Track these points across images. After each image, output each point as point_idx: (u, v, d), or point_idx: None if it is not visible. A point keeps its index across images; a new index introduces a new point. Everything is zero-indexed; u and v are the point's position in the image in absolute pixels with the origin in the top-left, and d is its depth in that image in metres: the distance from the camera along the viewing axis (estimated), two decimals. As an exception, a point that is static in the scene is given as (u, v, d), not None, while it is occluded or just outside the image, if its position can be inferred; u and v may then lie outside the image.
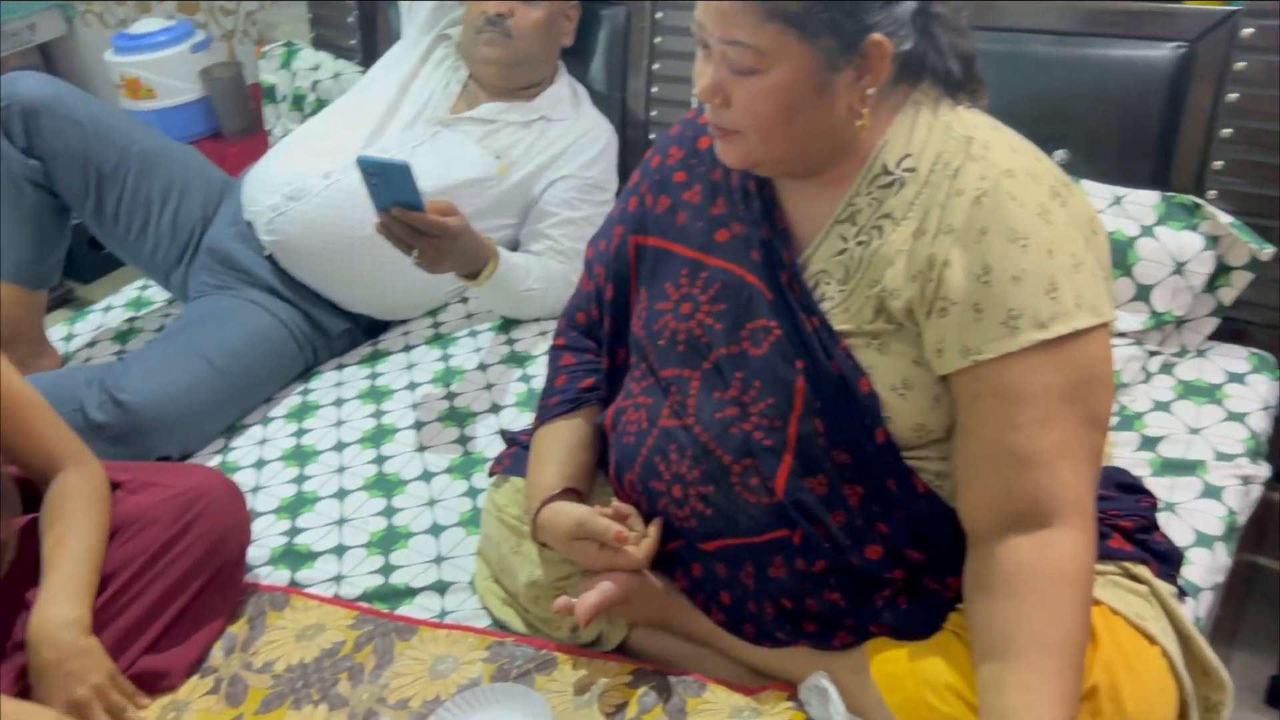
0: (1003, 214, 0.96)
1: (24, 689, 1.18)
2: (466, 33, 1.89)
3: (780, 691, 1.12)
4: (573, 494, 1.24)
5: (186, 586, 1.30)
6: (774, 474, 1.07)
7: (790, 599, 1.10)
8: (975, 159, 0.99)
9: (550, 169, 1.88)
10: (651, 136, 2.02)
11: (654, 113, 2.01)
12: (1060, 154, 1.60)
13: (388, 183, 1.45)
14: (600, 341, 1.31)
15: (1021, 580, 0.95)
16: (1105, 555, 1.06)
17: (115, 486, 1.35)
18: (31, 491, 1.35)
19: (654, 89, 2.00)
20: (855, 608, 1.09)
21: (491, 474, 1.41)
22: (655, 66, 2.00)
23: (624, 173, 1.98)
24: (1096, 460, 0.99)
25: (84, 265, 2.74)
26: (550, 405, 1.30)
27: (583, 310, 1.33)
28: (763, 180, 1.11)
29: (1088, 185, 1.56)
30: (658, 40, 1.99)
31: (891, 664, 1.04)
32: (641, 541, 1.16)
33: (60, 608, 1.20)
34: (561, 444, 1.27)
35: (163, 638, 1.28)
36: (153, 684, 1.26)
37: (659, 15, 1.98)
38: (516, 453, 1.38)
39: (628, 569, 1.16)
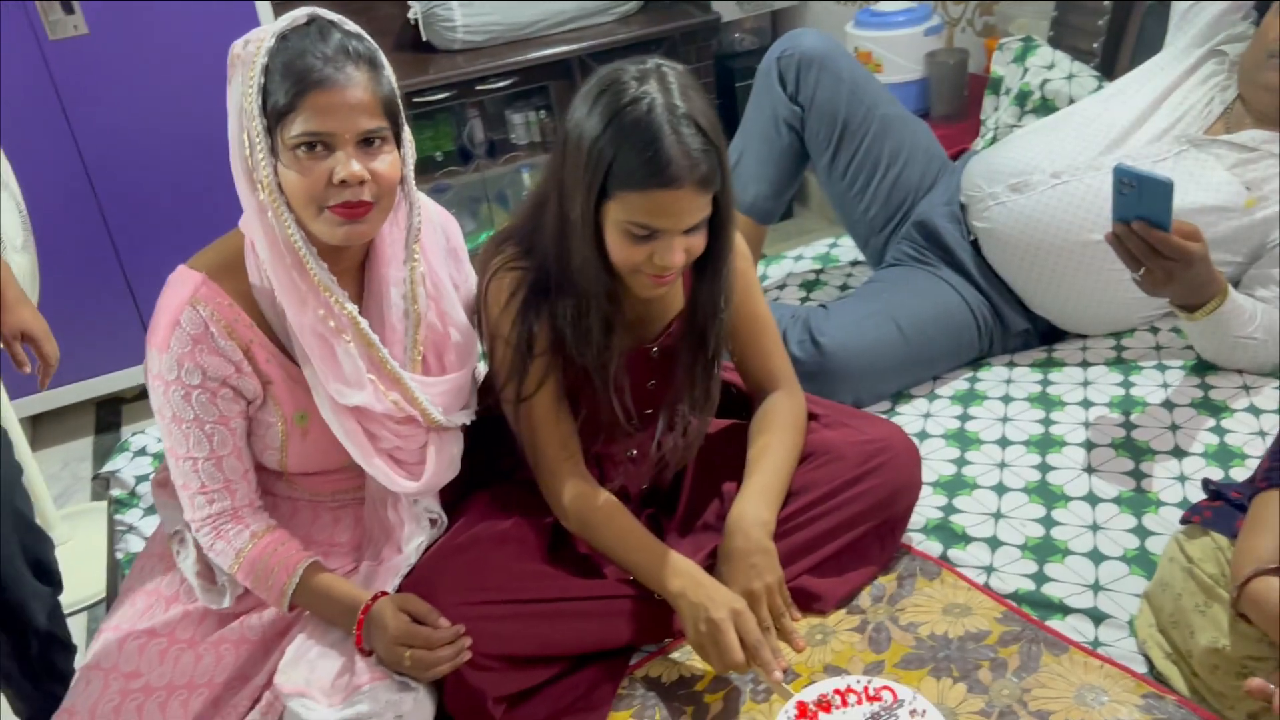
0: None
1: (709, 566, 1.33)
2: (1253, 54, 1.72)
3: None
4: (1293, 574, 1.10)
5: (854, 526, 1.38)
6: None
7: None
8: None
9: (1309, 213, 1.67)
10: None
11: None
12: None
13: (1140, 196, 1.39)
14: (1374, 418, 1.14)
15: None
16: None
17: (811, 417, 1.47)
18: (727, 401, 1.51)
19: None
20: None
21: (1184, 521, 1.30)
22: None
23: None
24: None
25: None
26: (1290, 471, 1.17)
27: (1364, 378, 1.16)
28: None
29: None
30: None
31: None
32: (1382, 656, 1.01)
33: (756, 507, 1.33)
34: (1293, 517, 1.14)
35: (823, 565, 1.38)
36: (806, 603, 1.36)
37: None
38: (1221, 508, 1.26)
39: (1351, 679, 1.01)
